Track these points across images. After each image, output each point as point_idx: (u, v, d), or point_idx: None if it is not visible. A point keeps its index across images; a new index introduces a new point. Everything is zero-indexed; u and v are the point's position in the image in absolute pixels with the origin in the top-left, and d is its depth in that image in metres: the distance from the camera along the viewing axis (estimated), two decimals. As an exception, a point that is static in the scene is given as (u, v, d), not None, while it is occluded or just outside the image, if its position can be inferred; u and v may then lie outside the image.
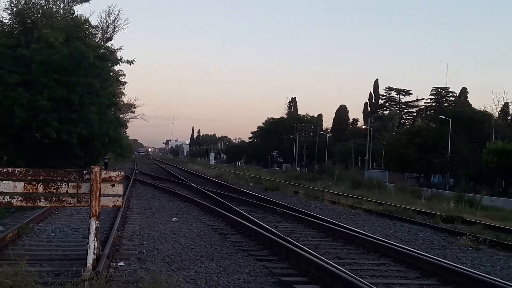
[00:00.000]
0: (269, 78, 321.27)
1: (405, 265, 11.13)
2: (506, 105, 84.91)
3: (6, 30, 30.69)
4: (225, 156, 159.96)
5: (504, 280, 9.62)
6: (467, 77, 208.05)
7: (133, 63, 43.44)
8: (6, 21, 31.81)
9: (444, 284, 9.58)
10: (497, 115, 78.08)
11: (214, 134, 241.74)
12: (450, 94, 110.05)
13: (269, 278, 9.63)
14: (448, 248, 14.21)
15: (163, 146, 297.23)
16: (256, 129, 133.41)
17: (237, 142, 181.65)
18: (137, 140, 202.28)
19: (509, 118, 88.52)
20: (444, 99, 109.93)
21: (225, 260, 11.20)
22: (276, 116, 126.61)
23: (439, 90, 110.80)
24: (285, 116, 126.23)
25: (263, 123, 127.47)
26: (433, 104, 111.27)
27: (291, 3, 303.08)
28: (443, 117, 68.76)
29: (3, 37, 29.00)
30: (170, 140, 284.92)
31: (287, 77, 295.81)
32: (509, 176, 55.92)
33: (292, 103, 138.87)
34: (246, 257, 11.53)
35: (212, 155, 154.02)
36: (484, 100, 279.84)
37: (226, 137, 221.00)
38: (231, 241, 13.63)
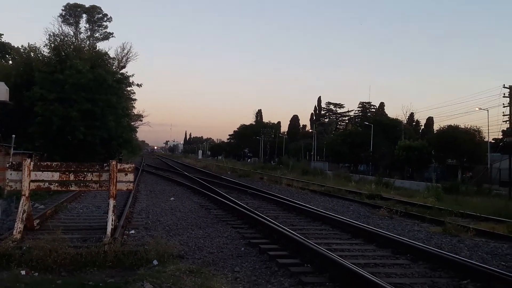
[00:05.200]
0: (242, 93, 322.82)
1: (339, 230, 11.23)
2: (411, 114, 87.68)
3: (46, 60, 30.22)
4: (209, 152, 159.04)
5: (410, 239, 9.81)
6: (384, 94, 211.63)
7: (141, 86, 43.17)
8: (46, 53, 31.42)
9: (368, 243, 9.69)
10: (405, 122, 79.54)
11: (202, 136, 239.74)
12: (372, 107, 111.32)
13: (241, 241, 9.63)
14: (370, 217, 14.38)
15: (163, 145, 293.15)
16: (232, 132, 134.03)
17: (218, 142, 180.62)
18: (144, 141, 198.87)
19: (413, 124, 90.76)
20: (367, 111, 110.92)
21: (209, 228, 11.17)
22: (247, 123, 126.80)
23: (364, 104, 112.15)
24: (254, 123, 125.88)
25: (237, 128, 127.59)
26: (360, 114, 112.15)
27: (259, 39, 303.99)
28: (367, 123, 69.63)
29: (43, 66, 28.66)
30: (169, 141, 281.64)
31: (255, 92, 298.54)
32: (414, 165, 57.07)
33: (259, 113, 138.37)
34: (225, 226, 11.50)
35: (200, 152, 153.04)
36: (396, 110, 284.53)
37: (210, 138, 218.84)
38: (214, 214, 13.58)
